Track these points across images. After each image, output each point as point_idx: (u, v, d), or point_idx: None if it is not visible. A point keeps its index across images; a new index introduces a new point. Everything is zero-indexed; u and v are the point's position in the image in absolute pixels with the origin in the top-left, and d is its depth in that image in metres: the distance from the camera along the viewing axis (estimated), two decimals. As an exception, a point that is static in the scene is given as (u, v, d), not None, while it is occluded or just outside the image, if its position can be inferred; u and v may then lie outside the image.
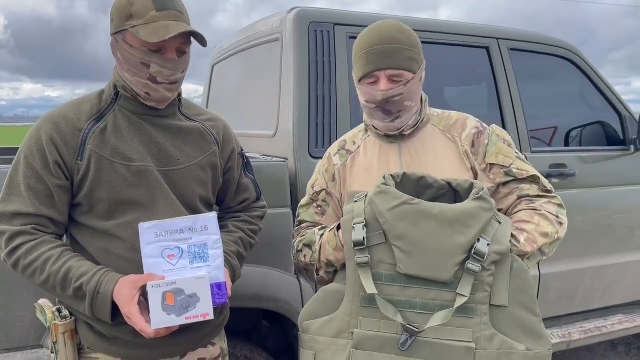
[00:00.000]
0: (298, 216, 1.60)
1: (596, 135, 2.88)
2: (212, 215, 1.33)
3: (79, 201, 1.32)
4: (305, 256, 1.49)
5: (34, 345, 1.64)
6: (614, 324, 2.77)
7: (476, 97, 2.74)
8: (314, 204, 1.57)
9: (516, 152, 1.47)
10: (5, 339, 1.61)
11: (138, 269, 1.28)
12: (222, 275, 1.32)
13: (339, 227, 1.39)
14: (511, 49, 2.60)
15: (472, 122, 1.49)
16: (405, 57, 1.34)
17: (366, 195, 1.31)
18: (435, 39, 2.42)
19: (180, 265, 1.29)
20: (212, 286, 1.27)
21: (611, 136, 2.88)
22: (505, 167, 1.43)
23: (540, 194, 1.43)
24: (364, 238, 1.25)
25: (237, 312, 1.67)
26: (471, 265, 1.20)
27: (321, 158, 2.10)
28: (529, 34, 2.69)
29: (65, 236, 1.40)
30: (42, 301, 1.37)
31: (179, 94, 1.45)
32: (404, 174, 1.35)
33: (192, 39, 1.33)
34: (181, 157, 1.40)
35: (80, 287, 1.24)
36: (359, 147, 1.54)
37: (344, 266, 1.33)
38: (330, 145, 2.14)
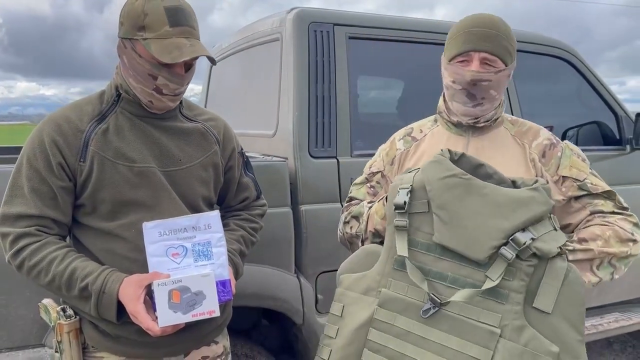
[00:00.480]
0: (350, 192, 1.61)
1: (592, 135, 2.91)
2: (215, 214, 1.34)
3: (82, 202, 1.33)
4: (351, 227, 1.50)
5: (36, 344, 1.65)
6: (610, 322, 2.80)
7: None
8: (368, 184, 1.58)
9: (590, 169, 1.44)
10: (7, 337, 1.61)
11: (142, 268, 1.29)
12: (226, 272, 1.33)
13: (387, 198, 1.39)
14: None
15: (546, 133, 1.47)
16: (502, 45, 1.35)
17: (419, 169, 1.32)
18: (432, 39, 2.43)
19: (185, 263, 1.30)
20: (216, 283, 1.28)
21: (607, 136, 2.90)
22: (579, 180, 1.40)
23: (615, 210, 1.38)
24: (405, 202, 1.25)
25: (237, 311, 1.68)
26: (505, 250, 1.16)
27: (321, 158, 2.14)
28: (526, 34, 2.71)
29: (68, 237, 1.40)
30: (46, 301, 1.38)
31: None
32: (463, 154, 1.33)
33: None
34: (183, 157, 1.40)
35: (86, 287, 1.25)
36: (425, 135, 1.53)
37: None
38: (330, 145, 2.17)
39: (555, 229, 1.21)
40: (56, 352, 1.34)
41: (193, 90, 1.35)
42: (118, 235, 1.33)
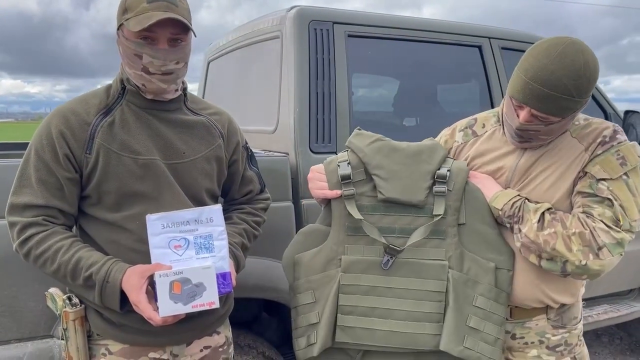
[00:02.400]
0: None
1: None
2: (217, 208, 1.37)
3: (88, 193, 1.36)
4: None
5: (45, 335, 1.66)
6: (599, 313, 2.85)
7: (468, 95, 2.81)
8: None
9: (625, 176, 1.31)
10: (16, 329, 1.63)
11: (146, 259, 1.31)
12: (227, 265, 1.36)
13: None
14: (502, 48, 2.67)
15: (608, 131, 1.37)
16: (559, 105, 1.25)
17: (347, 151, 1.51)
18: (429, 38, 2.48)
19: (187, 255, 1.33)
20: (217, 276, 1.31)
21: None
22: (594, 178, 1.32)
23: (605, 221, 1.28)
24: (350, 174, 1.43)
25: (239, 302, 1.71)
26: (438, 187, 1.40)
27: (321, 153, 2.18)
28: (520, 34, 2.76)
29: (75, 227, 1.43)
30: (53, 290, 1.41)
31: (184, 89, 1.48)
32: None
33: (191, 32, 1.35)
34: (187, 150, 1.43)
35: (90, 276, 1.28)
36: (486, 132, 1.52)
37: (326, 205, 1.49)
38: (330, 141, 2.21)
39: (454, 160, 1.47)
40: (62, 339, 1.37)
41: (188, 89, 1.37)
42: (122, 227, 1.36)
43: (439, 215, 1.38)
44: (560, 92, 1.23)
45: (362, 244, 1.42)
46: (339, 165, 1.45)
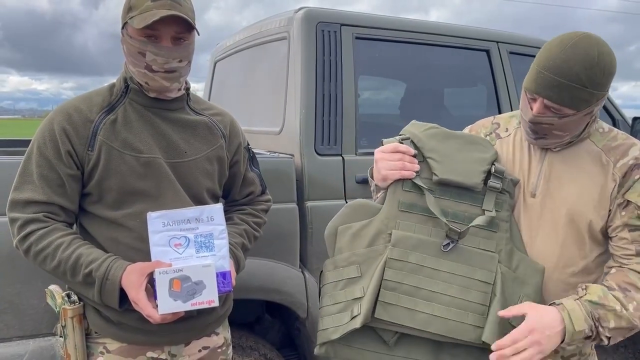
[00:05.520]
0: None
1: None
2: (218, 206, 1.37)
3: (89, 190, 1.36)
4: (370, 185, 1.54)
5: (47, 332, 1.67)
6: (604, 321, 2.83)
7: (476, 99, 2.80)
8: None
9: None
10: (18, 326, 1.64)
11: (145, 257, 1.31)
12: (227, 264, 1.36)
13: None
14: (510, 52, 2.66)
15: (636, 151, 1.32)
16: (572, 95, 1.21)
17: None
18: (437, 41, 2.46)
19: (187, 254, 1.33)
20: (217, 275, 1.31)
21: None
22: None
23: None
24: (415, 153, 1.39)
25: (242, 303, 1.71)
26: (492, 182, 1.35)
27: (327, 155, 2.17)
28: (528, 38, 2.75)
29: (75, 225, 1.43)
30: (52, 287, 1.41)
31: (187, 89, 1.48)
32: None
33: (195, 31, 1.36)
34: (189, 149, 1.43)
35: (90, 273, 1.28)
36: (509, 135, 1.49)
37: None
38: (336, 143, 2.21)
39: None
40: (60, 336, 1.37)
41: (194, 89, 1.37)
42: (123, 225, 1.36)
43: (489, 211, 1.34)
44: (571, 81, 1.20)
45: (414, 221, 1.36)
46: (402, 142, 1.41)
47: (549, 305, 1.26)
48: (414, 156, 1.39)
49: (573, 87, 1.20)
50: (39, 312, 1.65)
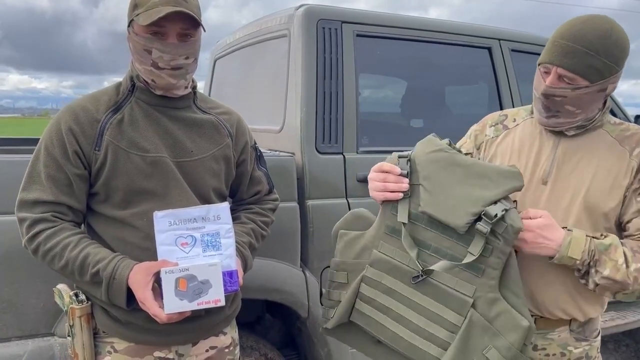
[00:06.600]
0: None
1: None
2: (225, 205, 1.37)
3: (96, 190, 1.36)
4: None
5: (45, 333, 1.66)
6: (605, 320, 2.81)
7: (477, 96, 2.79)
8: None
9: None
10: (17, 326, 1.63)
11: (152, 257, 1.31)
12: (234, 263, 1.36)
13: None
14: (512, 50, 2.65)
15: None
16: (586, 63, 1.24)
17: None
18: (438, 39, 2.45)
19: (193, 253, 1.33)
20: (223, 274, 1.31)
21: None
22: None
23: None
24: (407, 172, 1.31)
25: (242, 303, 1.70)
26: (480, 225, 1.22)
27: (328, 153, 2.16)
28: (530, 36, 2.74)
29: (82, 225, 1.43)
30: (60, 286, 1.41)
31: (194, 87, 1.47)
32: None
33: (200, 27, 1.36)
34: (195, 148, 1.43)
35: (97, 272, 1.27)
36: (517, 125, 1.49)
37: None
38: (337, 142, 2.19)
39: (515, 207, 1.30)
40: (68, 336, 1.37)
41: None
42: (130, 224, 1.35)
43: (472, 255, 1.24)
44: (584, 47, 1.24)
45: (395, 246, 1.34)
46: (398, 160, 1.34)
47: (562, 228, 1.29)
48: (407, 175, 1.31)
49: (586, 54, 1.24)
50: (37, 312, 1.64)
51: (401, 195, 1.31)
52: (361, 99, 2.29)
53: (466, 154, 1.42)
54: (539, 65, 1.34)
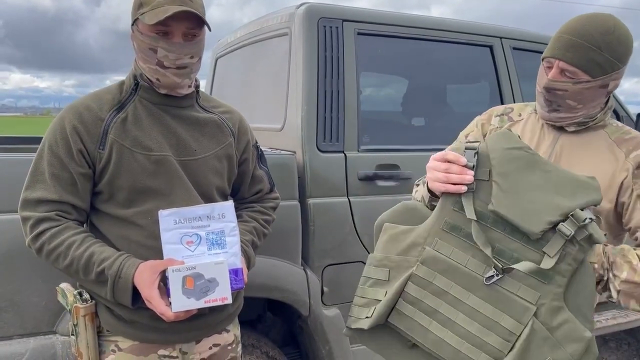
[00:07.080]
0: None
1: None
2: (229, 204, 1.37)
3: (100, 189, 1.36)
4: (417, 192, 1.46)
5: (47, 331, 1.66)
6: (607, 319, 2.82)
7: (479, 95, 2.79)
8: None
9: None
10: (19, 324, 1.63)
11: (157, 255, 1.31)
12: (239, 261, 1.36)
13: None
14: (514, 48, 2.64)
15: None
16: (587, 57, 1.26)
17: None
18: (439, 37, 2.45)
19: (199, 251, 1.33)
20: (229, 271, 1.31)
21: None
22: None
23: None
24: (474, 165, 1.21)
25: (244, 301, 1.70)
26: (563, 226, 1.15)
27: (329, 152, 2.16)
28: (532, 34, 2.74)
29: (86, 224, 1.43)
30: (64, 285, 1.41)
31: (197, 87, 1.48)
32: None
33: (205, 26, 1.36)
34: (198, 147, 1.43)
35: (102, 271, 1.27)
36: (522, 119, 1.49)
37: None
38: (338, 140, 2.19)
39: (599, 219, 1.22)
40: (72, 335, 1.37)
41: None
42: (134, 223, 1.36)
43: (550, 257, 1.16)
44: (587, 41, 1.25)
45: (453, 244, 1.24)
46: (465, 151, 1.24)
47: None
48: (473, 168, 1.21)
49: (588, 48, 1.25)
50: (39, 310, 1.64)
51: (464, 188, 1.21)
52: (362, 97, 2.29)
53: (474, 141, 1.36)
54: (542, 60, 1.35)
